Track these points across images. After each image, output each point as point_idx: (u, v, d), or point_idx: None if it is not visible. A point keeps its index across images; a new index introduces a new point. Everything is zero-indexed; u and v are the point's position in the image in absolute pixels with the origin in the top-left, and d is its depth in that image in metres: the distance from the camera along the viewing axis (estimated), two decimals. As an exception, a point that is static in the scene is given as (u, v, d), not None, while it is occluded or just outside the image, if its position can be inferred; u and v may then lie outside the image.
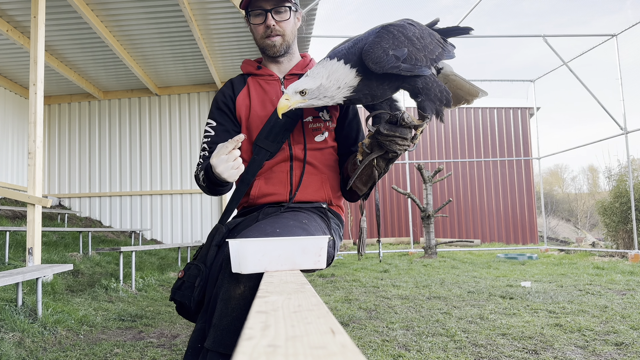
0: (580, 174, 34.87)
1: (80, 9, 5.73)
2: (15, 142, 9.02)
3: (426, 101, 1.44)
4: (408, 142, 1.43)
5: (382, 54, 1.35)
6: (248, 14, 1.69)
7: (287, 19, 1.68)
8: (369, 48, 1.36)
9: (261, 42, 1.71)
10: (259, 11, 1.66)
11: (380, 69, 1.35)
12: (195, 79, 9.15)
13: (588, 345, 2.91)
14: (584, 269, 6.94)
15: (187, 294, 1.44)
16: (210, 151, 1.67)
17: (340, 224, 1.76)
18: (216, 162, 1.40)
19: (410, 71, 1.38)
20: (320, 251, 1.17)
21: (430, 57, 1.45)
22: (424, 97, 1.44)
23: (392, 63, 1.35)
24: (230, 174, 1.42)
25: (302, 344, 0.43)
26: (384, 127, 1.41)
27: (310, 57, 1.84)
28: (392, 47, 1.36)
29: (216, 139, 1.68)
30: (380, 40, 1.37)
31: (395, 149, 1.43)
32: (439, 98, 1.45)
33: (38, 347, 2.99)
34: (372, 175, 1.56)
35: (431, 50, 1.46)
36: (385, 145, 1.44)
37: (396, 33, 1.39)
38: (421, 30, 1.47)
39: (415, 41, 1.41)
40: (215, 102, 1.77)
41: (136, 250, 5.65)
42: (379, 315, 3.92)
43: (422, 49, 1.42)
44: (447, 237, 13.88)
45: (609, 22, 18.49)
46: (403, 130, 1.41)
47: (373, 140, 1.47)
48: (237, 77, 1.82)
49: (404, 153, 1.55)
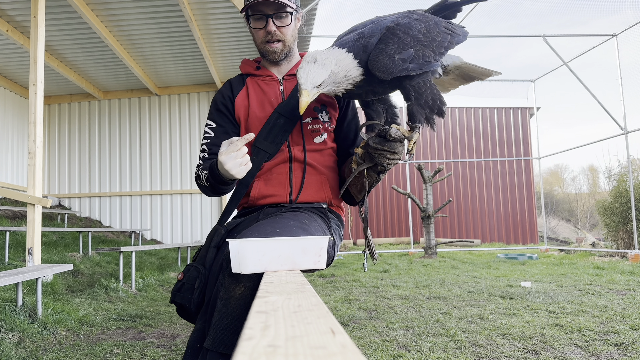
0: (581, 174, 34.90)
1: (80, 9, 5.73)
2: (15, 142, 9.02)
3: (415, 106, 1.41)
4: (399, 155, 1.42)
5: (389, 61, 1.34)
6: (248, 17, 1.66)
7: (289, 24, 1.65)
8: (374, 58, 1.35)
9: (262, 47, 1.69)
10: (259, 15, 1.63)
11: (389, 75, 1.35)
12: (195, 79, 9.15)
13: (588, 345, 2.91)
14: (584, 269, 6.94)
15: (187, 296, 1.44)
16: (209, 153, 1.67)
17: (340, 224, 1.76)
18: (225, 159, 1.39)
19: (420, 69, 1.37)
20: (321, 251, 1.17)
21: (439, 50, 1.43)
22: (414, 101, 1.41)
23: (399, 67, 1.34)
24: (239, 170, 1.41)
25: (302, 344, 0.43)
26: (374, 140, 1.40)
27: None
28: (397, 51, 1.35)
29: (216, 141, 1.67)
30: (385, 47, 1.35)
31: (383, 162, 1.42)
32: (430, 106, 1.43)
33: (38, 347, 2.99)
34: (364, 185, 1.57)
35: (439, 43, 1.43)
36: (375, 158, 1.43)
37: (401, 35, 1.38)
38: (427, 23, 1.44)
39: (422, 38, 1.40)
40: (215, 103, 1.75)
41: (136, 250, 5.65)
42: (379, 315, 3.92)
43: (428, 44, 1.40)
44: (447, 237, 13.88)
45: (609, 22, 18.47)
46: (392, 145, 1.39)
47: (365, 151, 1.46)
48: (235, 78, 1.80)
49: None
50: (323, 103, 1.71)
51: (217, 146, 1.65)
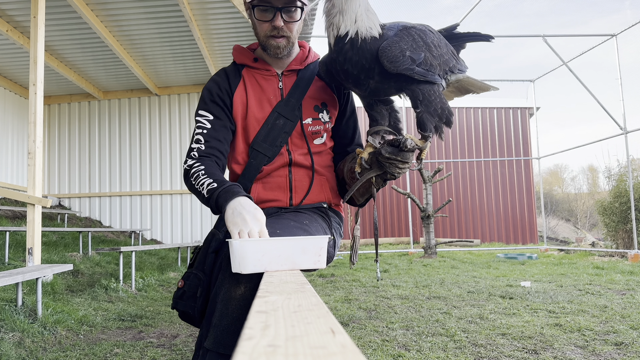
0: (580, 174, 34.90)
1: (80, 9, 5.73)
2: (15, 142, 9.02)
3: (425, 113, 1.41)
4: (409, 164, 1.40)
5: (399, 54, 1.34)
6: (253, 6, 1.51)
7: (297, 19, 1.54)
8: (387, 45, 1.34)
9: (264, 40, 1.56)
10: (267, 7, 1.49)
11: (395, 68, 1.34)
12: (195, 79, 9.15)
13: (588, 345, 2.91)
14: (584, 269, 6.94)
15: (189, 303, 1.42)
16: (205, 144, 1.53)
17: (340, 222, 1.76)
18: (235, 230, 1.24)
19: (424, 76, 1.37)
20: (320, 251, 1.17)
21: (445, 67, 1.44)
22: (423, 108, 1.40)
23: (407, 64, 1.34)
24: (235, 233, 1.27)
25: (302, 344, 0.43)
26: (386, 150, 1.37)
27: (308, 46, 1.73)
28: (410, 48, 1.35)
29: (214, 134, 1.55)
30: (399, 40, 1.36)
31: (394, 172, 1.40)
32: (439, 114, 1.42)
33: (38, 347, 2.99)
34: (370, 190, 1.54)
35: (446, 61, 1.45)
36: (386, 167, 1.41)
37: (416, 36, 1.39)
38: (439, 39, 1.47)
39: (433, 48, 1.41)
40: (209, 93, 1.60)
41: (136, 250, 5.65)
42: (379, 315, 3.92)
43: (438, 57, 1.42)
44: (447, 237, 13.88)
45: (609, 22, 18.49)
46: (405, 155, 1.37)
47: (373, 157, 1.43)
48: (230, 68, 1.66)
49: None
50: (324, 101, 1.67)
51: (215, 139, 1.54)
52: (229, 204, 1.30)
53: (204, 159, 1.51)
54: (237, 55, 1.67)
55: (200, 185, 1.42)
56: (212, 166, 1.49)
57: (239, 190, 1.35)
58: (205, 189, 1.40)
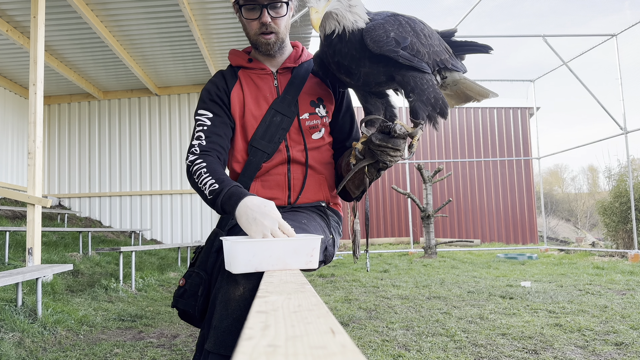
0: (580, 173, 34.91)
1: (80, 9, 5.73)
2: (15, 142, 9.02)
3: (417, 102, 1.40)
4: (401, 152, 1.40)
5: (383, 34, 1.34)
6: (240, 6, 1.56)
7: (284, 15, 1.57)
8: (371, 26, 1.36)
9: (254, 39, 1.60)
10: (253, 5, 1.54)
11: (379, 49, 1.34)
12: (195, 79, 9.15)
13: (588, 345, 2.91)
14: (584, 269, 6.94)
15: (190, 302, 1.42)
16: (206, 139, 1.54)
17: (339, 220, 1.76)
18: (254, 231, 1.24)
19: (410, 60, 1.36)
20: (313, 252, 1.17)
21: (435, 58, 1.43)
22: (416, 97, 1.40)
23: (391, 46, 1.34)
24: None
25: (302, 343, 0.43)
26: (376, 136, 1.37)
27: (302, 46, 1.76)
28: (395, 31, 1.36)
29: (214, 129, 1.57)
30: (384, 23, 1.37)
31: (386, 159, 1.40)
32: (432, 104, 1.41)
33: (38, 347, 2.99)
34: (363, 181, 1.54)
35: (436, 52, 1.44)
36: (377, 155, 1.41)
37: (403, 22, 1.39)
38: (430, 31, 1.46)
39: (422, 36, 1.40)
40: (208, 93, 1.64)
41: (136, 250, 5.65)
42: (379, 315, 3.92)
43: (427, 45, 1.41)
44: (447, 237, 13.88)
45: (609, 22, 18.49)
46: (395, 141, 1.36)
47: (366, 147, 1.44)
48: (227, 70, 1.71)
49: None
50: (320, 96, 1.68)
51: (216, 135, 1.56)
52: (237, 210, 1.30)
53: (205, 154, 1.51)
54: (232, 58, 1.72)
55: (202, 184, 1.43)
56: (214, 162, 1.49)
57: (241, 192, 1.34)
58: (208, 189, 1.40)
